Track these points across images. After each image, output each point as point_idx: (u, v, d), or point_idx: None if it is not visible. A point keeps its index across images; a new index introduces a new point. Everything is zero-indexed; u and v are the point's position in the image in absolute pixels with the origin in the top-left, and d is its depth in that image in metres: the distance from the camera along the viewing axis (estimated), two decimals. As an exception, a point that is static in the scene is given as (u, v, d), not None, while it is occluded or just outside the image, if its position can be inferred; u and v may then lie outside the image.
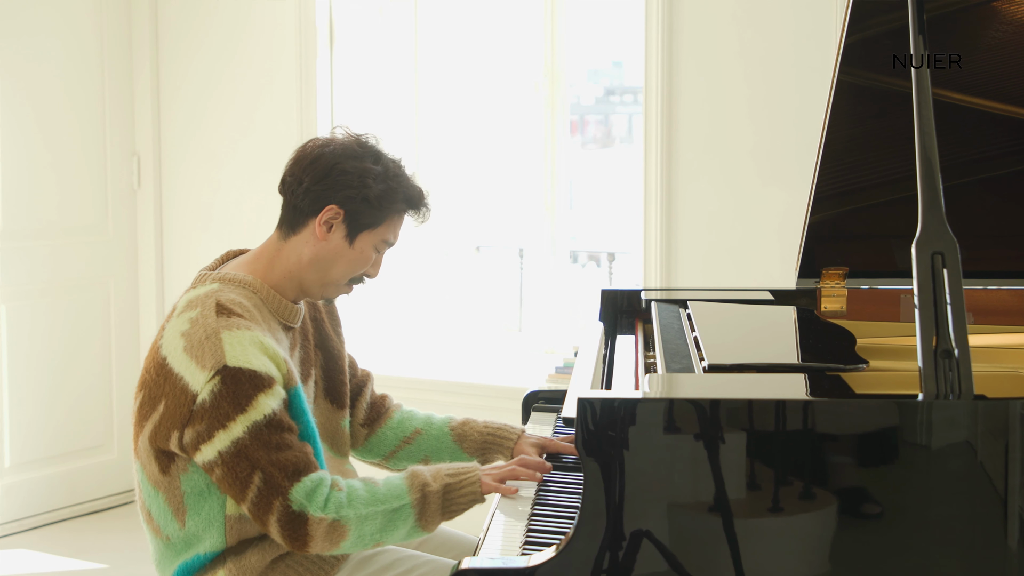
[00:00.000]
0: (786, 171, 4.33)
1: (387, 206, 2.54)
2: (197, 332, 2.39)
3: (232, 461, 2.34)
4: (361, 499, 2.39)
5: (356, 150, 2.55)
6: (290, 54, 5.25)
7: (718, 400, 2.00)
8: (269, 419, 2.35)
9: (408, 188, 2.58)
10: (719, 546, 1.98)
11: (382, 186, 2.53)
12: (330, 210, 2.50)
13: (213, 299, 2.43)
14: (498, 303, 5.64)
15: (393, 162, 2.59)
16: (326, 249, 2.53)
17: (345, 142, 2.56)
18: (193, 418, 2.35)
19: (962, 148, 2.82)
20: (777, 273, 4.22)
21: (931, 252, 2.02)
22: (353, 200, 2.51)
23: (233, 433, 2.34)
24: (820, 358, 2.51)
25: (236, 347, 2.36)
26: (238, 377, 2.34)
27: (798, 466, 1.99)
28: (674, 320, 2.95)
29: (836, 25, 4.16)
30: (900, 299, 3.03)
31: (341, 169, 2.51)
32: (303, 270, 2.54)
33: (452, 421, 2.88)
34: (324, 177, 2.51)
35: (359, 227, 2.53)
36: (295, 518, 2.34)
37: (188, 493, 2.45)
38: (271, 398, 2.36)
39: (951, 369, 1.97)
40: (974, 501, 1.97)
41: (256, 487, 2.34)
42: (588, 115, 7.78)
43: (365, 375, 2.94)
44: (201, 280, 2.54)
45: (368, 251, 2.56)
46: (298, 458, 2.37)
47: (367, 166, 2.52)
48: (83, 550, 5.03)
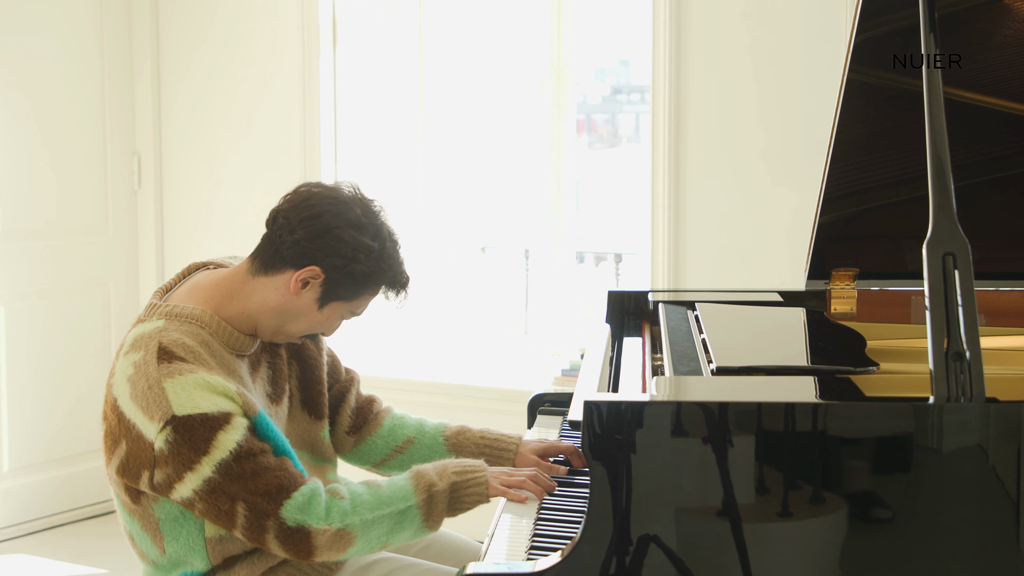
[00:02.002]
0: (796, 171, 4.32)
1: (370, 286, 2.50)
2: (140, 381, 2.34)
3: (210, 498, 2.32)
4: (366, 504, 2.37)
5: (360, 220, 2.46)
6: (292, 52, 5.23)
7: (726, 403, 1.99)
8: (236, 452, 2.32)
9: (396, 273, 2.52)
10: (727, 551, 1.97)
11: (372, 266, 2.46)
12: (312, 270, 2.44)
13: (155, 342, 2.38)
14: (503, 305, 5.62)
15: (391, 241, 2.51)
16: (294, 304, 2.48)
17: (351, 205, 2.47)
18: (157, 462, 2.32)
19: (974, 147, 2.81)
20: (786, 274, 4.21)
21: (942, 253, 2.01)
22: (339, 270, 2.44)
23: (202, 474, 2.31)
24: (830, 360, 2.51)
25: (181, 394, 2.31)
26: (190, 424, 2.30)
27: (807, 470, 1.98)
28: (682, 322, 2.94)
29: (846, 23, 4.15)
30: (911, 301, 3.02)
31: (338, 236, 2.43)
32: (263, 314, 2.49)
33: (446, 429, 2.83)
34: (318, 237, 2.43)
35: (334, 296, 2.48)
36: (294, 533, 2.32)
37: (163, 520, 2.43)
38: (232, 432, 2.32)
39: (962, 372, 1.96)
40: (986, 505, 1.96)
41: (242, 516, 2.32)
42: (595, 114, 7.76)
43: (349, 379, 2.87)
44: (149, 312, 2.48)
45: (334, 318, 2.53)
46: (279, 477, 2.34)
47: (364, 241, 2.45)
48: (83, 555, 5.01)
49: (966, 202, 2.28)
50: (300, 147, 5.21)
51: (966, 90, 2.75)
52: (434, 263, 5.44)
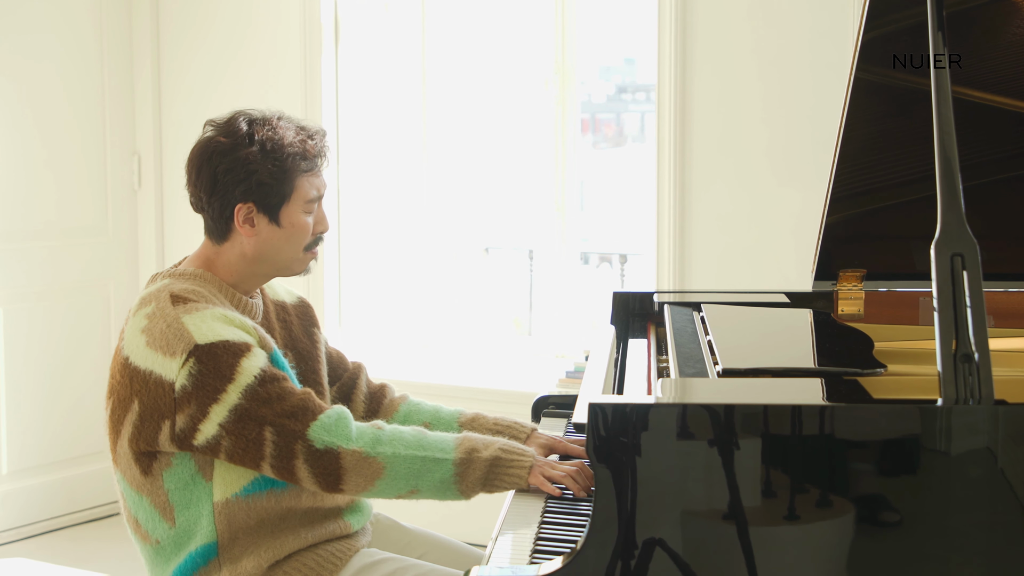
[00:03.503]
0: (802, 171, 4.32)
1: (286, 177, 2.51)
2: (157, 324, 2.39)
3: (237, 428, 2.35)
4: (403, 440, 2.41)
5: (226, 143, 2.49)
6: (294, 51, 5.22)
7: (733, 405, 1.98)
8: (260, 378, 2.37)
9: (295, 148, 2.52)
10: (733, 555, 1.96)
11: (268, 163, 2.48)
12: (240, 210, 2.49)
13: (166, 292, 2.45)
14: (507, 306, 5.61)
15: (269, 130, 2.51)
16: (261, 240, 2.52)
17: (212, 139, 2.51)
18: (179, 405, 2.35)
19: (982, 147, 2.80)
20: (793, 275, 4.19)
21: (951, 253, 2.00)
22: (252, 191, 2.48)
23: (229, 402, 2.34)
24: (837, 362, 2.51)
25: (201, 326, 2.37)
26: (213, 352, 2.35)
27: (814, 473, 1.96)
28: (687, 323, 2.93)
29: (853, 21, 4.15)
30: (919, 302, 3.01)
31: (223, 170, 2.48)
32: (254, 265, 2.55)
33: (461, 416, 2.84)
34: (213, 186, 2.49)
35: (275, 208, 2.51)
36: (323, 455, 2.36)
37: (172, 490, 2.44)
38: (254, 359, 2.37)
39: (971, 373, 1.95)
40: (995, 508, 1.94)
41: (271, 442, 2.35)
42: (599, 113, 7.76)
43: (356, 367, 2.92)
44: (152, 280, 2.55)
45: (299, 220, 2.54)
46: (304, 401, 2.39)
47: (244, 153, 2.48)
48: (83, 559, 4.99)
49: (975, 202, 2.28)
50: (303, 147, 5.19)
51: (975, 89, 2.74)
52: (437, 264, 5.42)
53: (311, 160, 2.54)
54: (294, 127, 2.54)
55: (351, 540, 2.61)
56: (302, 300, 2.83)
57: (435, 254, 5.41)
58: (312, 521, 2.55)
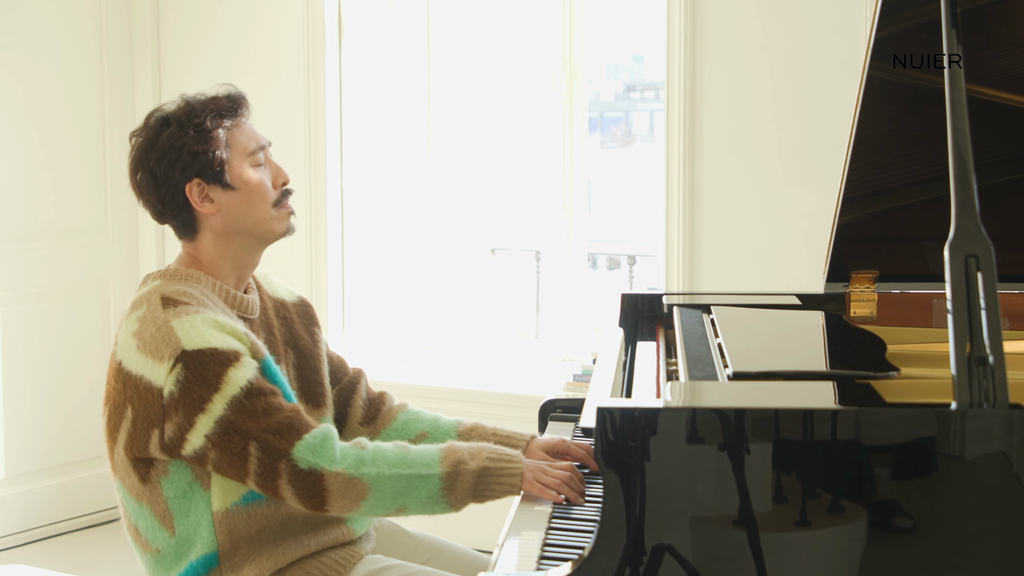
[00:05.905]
0: (813, 171, 4.31)
1: (211, 137, 2.50)
2: (147, 328, 2.39)
3: (222, 440, 2.32)
4: (386, 459, 2.37)
5: (147, 139, 2.52)
6: (297, 49, 5.21)
7: (743, 409, 1.96)
8: (247, 390, 2.34)
9: (209, 108, 2.53)
10: (744, 561, 1.94)
11: (190, 131, 2.49)
12: (191, 190, 2.50)
13: (157, 294, 2.45)
14: (514, 308, 5.59)
15: (180, 108, 2.53)
16: (225, 211, 2.52)
17: (136, 143, 2.54)
18: (167, 413, 2.33)
19: (997, 146, 2.78)
20: (804, 277, 4.19)
21: (965, 255, 1.97)
22: (189, 168, 2.48)
23: (214, 413, 2.32)
24: (849, 365, 2.50)
25: (190, 331, 2.35)
26: (200, 359, 2.33)
27: (826, 478, 1.94)
28: (697, 326, 2.92)
29: (865, 19, 4.15)
30: (932, 304, 2.99)
31: (156, 161, 2.49)
32: (231, 241, 2.54)
33: (460, 425, 2.82)
34: (155, 183, 2.51)
35: (220, 173, 2.50)
36: (306, 476, 2.33)
37: (171, 498, 2.42)
38: (242, 370, 2.35)
39: (985, 377, 1.92)
40: (1009, 514, 1.92)
41: (255, 458, 2.32)
42: (608, 112, 7.74)
43: (357, 373, 2.90)
44: (144, 282, 2.55)
45: (248, 176, 2.54)
46: (290, 418, 2.36)
47: (164, 136, 2.49)
48: (82, 565, 4.98)
49: (990, 202, 2.25)
50: (305, 146, 5.18)
51: (989, 87, 2.72)
52: (443, 265, 5.41)
53: (230, 113, 2.54)
54: (205, 96, 2.55)
55: (355, 546, 2.59)
56: (303, 300, 2.81)
57: (440, 255, 5.39)
58: (314, 527, 2.53)
